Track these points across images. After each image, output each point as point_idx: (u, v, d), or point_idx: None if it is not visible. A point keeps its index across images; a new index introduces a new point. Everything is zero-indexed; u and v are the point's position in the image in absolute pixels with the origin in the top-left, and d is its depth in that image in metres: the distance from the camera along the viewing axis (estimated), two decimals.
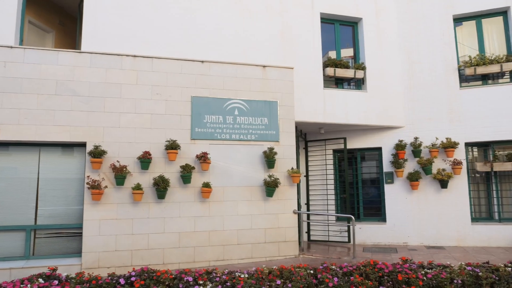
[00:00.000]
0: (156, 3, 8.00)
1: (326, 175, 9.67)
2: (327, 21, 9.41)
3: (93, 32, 7.58)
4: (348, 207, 9.21)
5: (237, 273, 4.76)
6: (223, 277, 4.60)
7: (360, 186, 9.73)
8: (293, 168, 7.85)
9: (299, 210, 8.26)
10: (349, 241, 9.00)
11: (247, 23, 8.52)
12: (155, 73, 7.37)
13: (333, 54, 9.55)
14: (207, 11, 8.29)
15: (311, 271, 4.76)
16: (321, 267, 4.91)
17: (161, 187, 6.84)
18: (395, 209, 9.11)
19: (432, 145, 8.86)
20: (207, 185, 7.15)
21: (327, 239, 9.33)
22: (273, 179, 7.48)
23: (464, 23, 9.48)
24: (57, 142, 6.80)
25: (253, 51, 8.39)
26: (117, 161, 6.84)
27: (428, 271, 4.77)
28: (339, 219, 9.53)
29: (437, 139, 8.88)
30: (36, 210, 6.72)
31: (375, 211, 9.53)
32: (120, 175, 6.69)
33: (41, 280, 4.50)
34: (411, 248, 8.53)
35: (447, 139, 8.73)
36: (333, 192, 9.63)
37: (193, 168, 7.13)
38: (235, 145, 7.64)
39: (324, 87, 8.87)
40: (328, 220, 9.42)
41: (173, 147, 7.03)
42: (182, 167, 7.05)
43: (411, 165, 9.05)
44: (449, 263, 5.27)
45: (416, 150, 8.92)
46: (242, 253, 7.38)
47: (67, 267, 6.20)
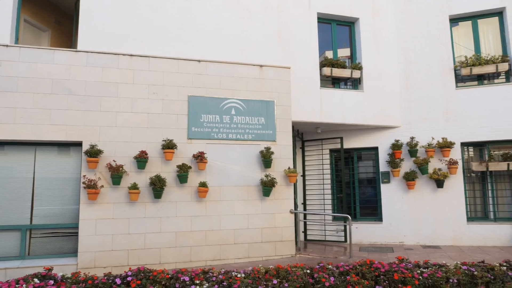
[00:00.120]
0: (154, 2, 7.97)
1: (322, 174, 9.69)
2: (324, 21, 9.42)
3: (89, 31, 7.54)
4: (344, 207, 9.23)
5: (233, 273, 4.75)
6: (220, 276, 4.59)
7: (356, 185, 9.76)
8: (289, 167, 7.85)
9: (295, 209, 8.27)
10: (346, 241, 9.03)
11: (245, 23, 8.51)
12: (151, 72, 7.35)
13: (330, 54, 9.56)
14: (204, 11, 8.27)
15: (308, 271, 4.77)
16: (317, 267, 4.91)
17: (158, 187, 6.83)
18: (392, 208, 9.14)
19: (428, 145, 8.90)
20: (203, 184, 7.14)
21: (324, 239, 9.35)
22: (269, 178, 7.48)
23: (460, 23, 9.52)
24: (53, 141, 6.77)
25: (250, 51, 8.39)
26: (114, 160, 6.81)
27: (424, 270, 4.79)
28: (335, 219, 9.55)
29: (433, 139, 8.92)
30: (31, 209, 6.69)
31: (372, 210, 9.56)
32: (116, 174, 6.67)
33: (36, 280, 4.47)
34: (407, 247, 8.56)
35: (443, 139, 8.77)
36: (329, 191, 9.65)
37: (190, 167, 7.12)
38: (232, 144, 7.64)
39: (321, 87, 8.88)
40: (324, 219, 9.44)
41: (169, 146, 7.01)
42: (178, 166, 7.04)
43: (407, 165, 9.09)
44: (445, 262, 5.29)
45: (412, 149, 8.96)
46: (238, 253, 7.38)
47: (62, 267, 6.18)
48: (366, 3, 9.51)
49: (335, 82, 9.40)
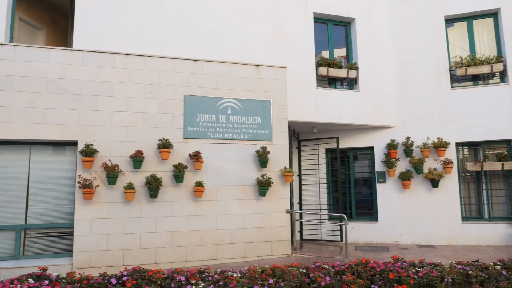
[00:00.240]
0: (150, 1, 7.93)
1: (318, 174, 9.70)
2: (320, 21, 9.44)
3: (85, 29, 7.50)
4: (340, 206, 9.25)
5: (229, 272, 4.75)
6: (216, 276, 4.59)
7: (352, 185, 9.79)
8: (286, 167, 7.86)
9: (291, 209, 8.28)
10: (342, 240, 9.06)
11: (241, 23, 8.50)
12: (147, 71, 7.33)
13: (326, 54, 9.58)
14: (201, 11, 8.25)
15: (304, 270, 4.78)
16: (313, 266, 4.92)
17: (154, 186, 6.81)
18: (387, 208, 9.18)
19: (423, 145, 8.94)
20: (199, 184, 7.13)
21: (320, 238, 9.37)
22: (266, 178, 7.48)
23: (455, 24, 9.58)
24: (48, 140, 6.73)
25: (247, 50, 8.38)
26: (109, 160, 6.78)
27: (419, 269, 4.81)
28: (331, 218, 9.57)
29: (428, 138, 8.97)
30: (26, 209, 6.65)
31: (367, 210, 9.59)
32: (112, 174, 6.64)
33: (31, 280, 4.44)
34: (403, 247, 8.60)
35: (438, 139, 8.81)
36: (325, 191, 9.67)
37: (186, 167, 7.11)
38: (228, 144, 7.63)
39: (317, 87, 8.90)
40: (320, 219, 9.46)
41: (165, 146, 6.99)
42: (174, 166, 7.02)
43: (402, 165, 9.13)
44: (439, 261, 5.31)
45: (407, 149, 9.00)
46: (234, 253, 7.38)
47: (57, 267, 6.14)
48: (362, 3, 9.54)
49: (331, 82, 9.42)
